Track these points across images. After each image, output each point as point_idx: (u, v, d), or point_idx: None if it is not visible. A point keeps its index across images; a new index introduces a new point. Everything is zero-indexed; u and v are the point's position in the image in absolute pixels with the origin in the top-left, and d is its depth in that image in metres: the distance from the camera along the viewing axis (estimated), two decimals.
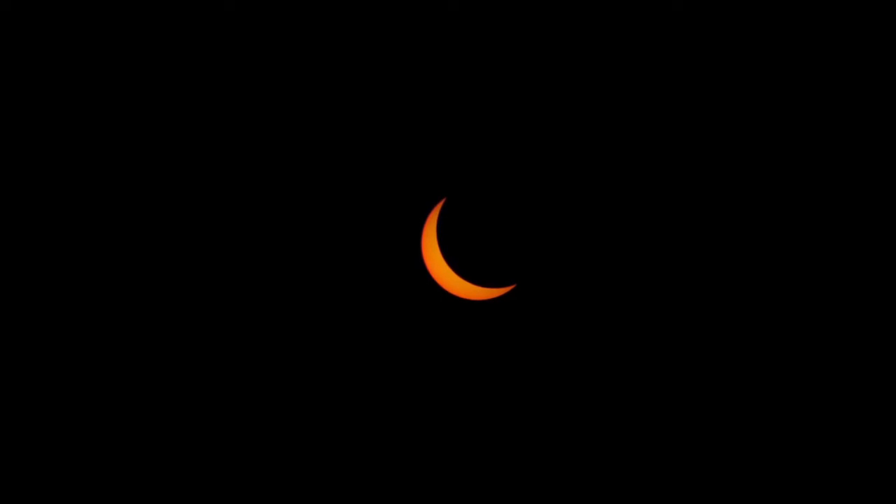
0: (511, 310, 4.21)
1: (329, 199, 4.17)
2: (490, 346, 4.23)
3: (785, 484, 4.21)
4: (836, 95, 4.18)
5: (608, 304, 4.20)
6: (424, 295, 4.17)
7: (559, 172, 4.18)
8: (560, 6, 4.14)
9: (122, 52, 4.10)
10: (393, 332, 4.19)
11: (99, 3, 4.08)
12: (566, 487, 4.22)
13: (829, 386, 4.21)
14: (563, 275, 4.21)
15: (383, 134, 4.15)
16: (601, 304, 4.20)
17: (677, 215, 4.21)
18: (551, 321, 4.21)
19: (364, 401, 4.19)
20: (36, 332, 4.11)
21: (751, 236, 4.21)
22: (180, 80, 4.11)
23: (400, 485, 4.21)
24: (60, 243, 4.12)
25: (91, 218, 4.13)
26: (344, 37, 4.12)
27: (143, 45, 4.10)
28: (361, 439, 4.19)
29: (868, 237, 4.20)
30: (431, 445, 4.20)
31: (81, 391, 4.12)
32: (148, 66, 4.11)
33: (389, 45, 4.13)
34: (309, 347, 4.18)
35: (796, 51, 4.17)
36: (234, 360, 4.16)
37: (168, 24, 4.09)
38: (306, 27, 4.12)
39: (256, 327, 4.16)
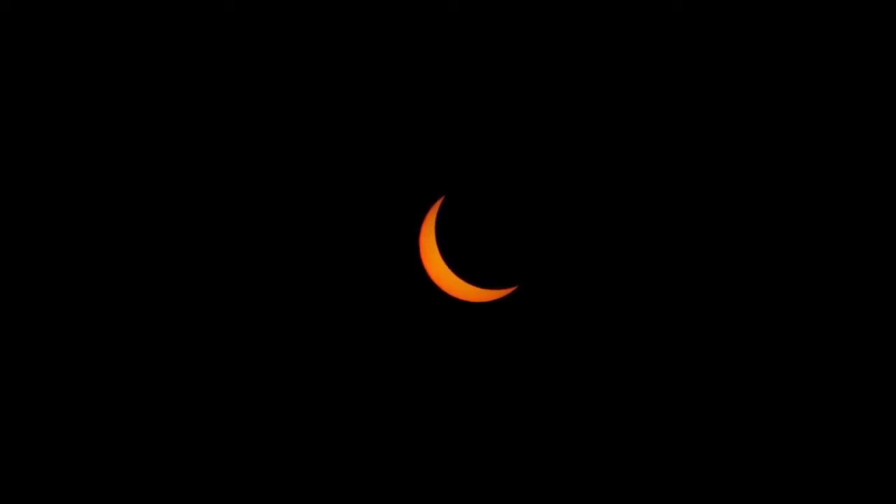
0: (512, 312, 4.14)
1: (324, 196, 4.14)
2: (490, 350, 4.16)
3: (785, 484, 4.12)
4: (837, 95, 4.17)
5: (612, 307, 4.15)
6: (422, 296, 4.11)
7: (561, 170, 4.15)
8: (560, 6, 4.15)
9: (123, 52, 4.12)
10: (390, 335, 4.14)
11: (99, 3, 4.11)
12: (566, 490, 4.13)
13: (829, 386, 4.14)
14: (566, 276, 4.15)
15: (381, 131, 4.14)
16: (605, 306, 4.15)
17: (680, 215, 4.18)
18: (554, 324, 4.15)
19: (361, 405, 4.13)
20: (36, 332, 4.09)
21: (752, 237, 4.17)
22: (180, 80, 4.12)
23: (397, 488, 4.12)
24: (61, 243, 4.11)
25: (91, 218, 4.12)
26: (344, 36, 4.14)
27: (144, 45, 4.12)
28: (359, 443, 4.12)
29: (868, 237, 4.17)
30: (429, 450, 4.13)
31: (81, 391, 4.08)
32: (148, 66, 4.13)
33: (389, 45, 4.14)
34: (304, 350, 4.13)
35: (796, 51, 4.17)
36: (230, 360, 4.12)
37: (168, 24, 4.12)
38: (306, 27, 4.14)
39: (252, 329, 4.12)
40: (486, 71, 4.14)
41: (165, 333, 4.11)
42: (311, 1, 4.14)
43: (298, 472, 4.12)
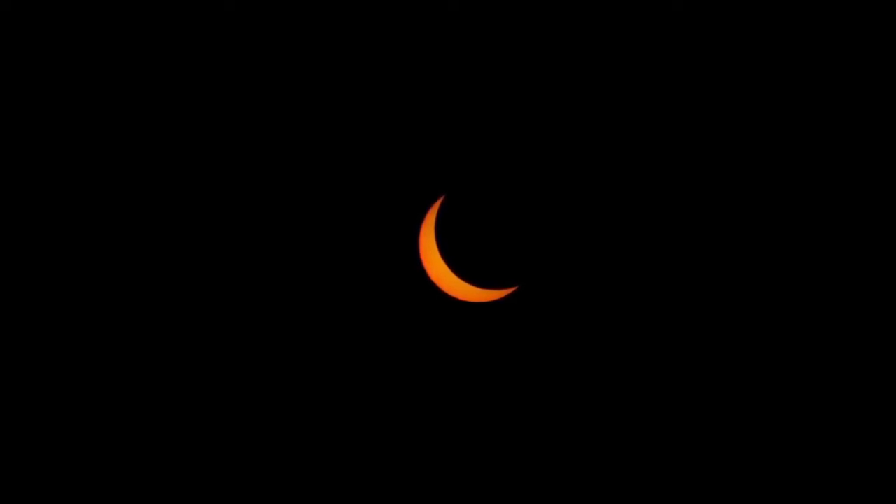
0: (513, 313, 4.14)
1: (324, 197, 4.14)
2: (491, 350, 4.15)
3: (785, 484, 4.11)
4: (836, 95, 4.16)
5: (613, 307, 4.14)
6: (422, 297, 4.11)
7: (561, 169, 4.15)
8: (560, 6, 4.15)
9: (123, 51, 4.12)
10: (390, 336, 4.13)
11: (99, 3, 4.11)
12: (566, 490, 4.12)
13: (829, 386, 4.13)
14: (567, 276, 4.15)
15: (380, 130, 4.14)
16: (606, 307, 4.14)
17: (680, 215, 4.17)
18: (554, 325, 4.15)
19: (361, 407, 4.12)
20: (36, 332, 4.09)
21: (751, 237, 4.17)
22: (180, 80, 4.12)
23: (397, 488, 4.11)
24: (60, 243, 4.11)
25: (91, 218, 4.12)
26: (344, 36, 4.14)
27: (144, 45, 4.12)
28: (359, 443, 4.11)
29: (868, 237, 4.16)
30: (429, 450, 4.12)
31: (81, 391, 4.08)
32: (148, 66, 4.12)
33: (389, 45, 4.14)
34: (303, 351, 4.12)
35: (796, 51, 4.16)
36: (229, 362, 4.11)
37: (168, 24, 4.12)
38: (306, 27, 4.14)
39: (251, 330, 4.12)
40: (487, 71, 4.14)
41: (165, 333, 4.10)
42: (311, 1, 4.14)
43: (298, 472, 4.11)
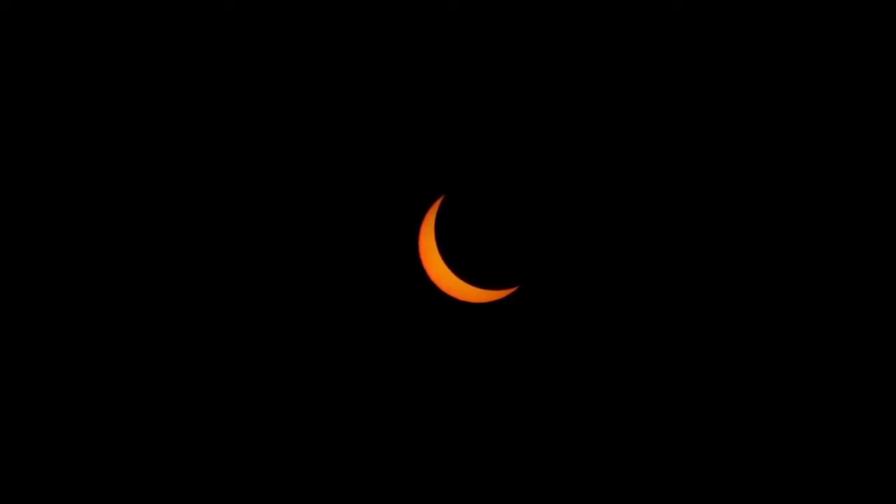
0: (513, 313, 4.13)
1: (324, 196, 4.14)
2: (491, 351, 4.15)
3: (785, 484, 4.10)
4: (836, 95, 4.16)
5: (613, 308, 4.13)
6: (422, 297, 4.10)
7: (561, 169, 4.15)
8: (560, 6, 4.15)
9: (123, 51, 4.12)
10: (389, 337, 4.13)
11: (99, 3, 4.11)
12: (566, 490, 4.11)
13: (829, 386, 4.13)
14: (567, 276, 4.14)
15: (381, 131, 4.14)
16: (606, 307, 4.13)
17: (680, 215, 4.17)
18: (555, 325, 4.14)
19: (360, 407, 4.12)
20: (36, 332, 4.08)
21: (752, 237, 4.16)
22: (180, 80, 4.12)
23: (397, 488, 4.11)
24: (60, 243, 4.11)
25: (91, 218, 4.12)
26: (344, 36, 4.14)
27: (144, 45, 4.13)
28: (359, 443, 4.10)
29: (868, 237, 4.16)
30: (430, 450, 4.11)
31: (81, 391, 4.07)
32: (148, 66, 4.13)
33: (390, 45, 4.14)
34: (302, 352, 4.11)
35: (796, 51, 4.16)
36: (230, 360, 4.11)
37: (168, 23, 4.12)
38: (306, 27, 4.14)
39: (250, 331, 4.11)
40: (486, 71, 4.14)
41: (165, 333, 4.10)
42: (311, 1, 4.15)
43: (298, 472, 4.10)
